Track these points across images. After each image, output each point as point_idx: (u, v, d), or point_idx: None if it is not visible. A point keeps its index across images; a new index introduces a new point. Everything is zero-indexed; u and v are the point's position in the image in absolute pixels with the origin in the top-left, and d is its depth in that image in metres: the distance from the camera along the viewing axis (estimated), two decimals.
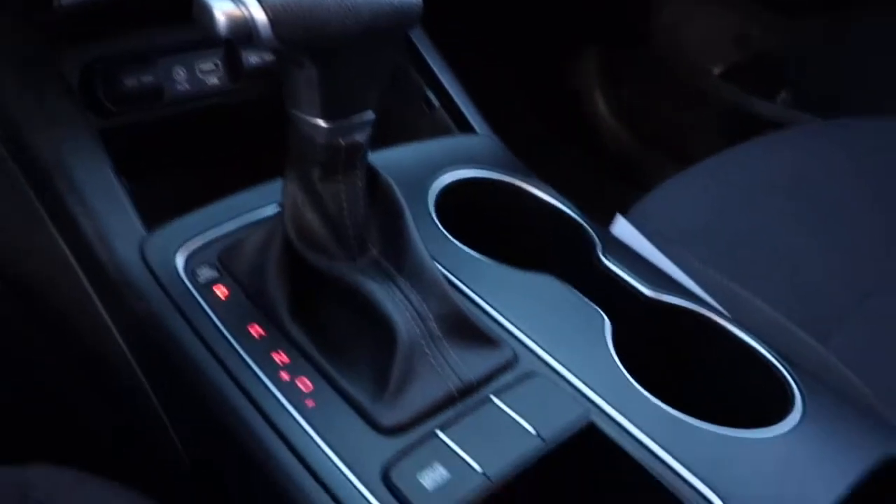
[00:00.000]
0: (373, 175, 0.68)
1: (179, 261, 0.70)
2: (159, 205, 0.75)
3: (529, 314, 0.70)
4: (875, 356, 0.90)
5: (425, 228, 0.76)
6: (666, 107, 1.50)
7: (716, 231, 0.97)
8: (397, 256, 0.67)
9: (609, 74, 1.57)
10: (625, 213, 0.96)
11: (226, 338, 0.66)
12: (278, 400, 0.62)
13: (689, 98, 1.50)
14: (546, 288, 0.74)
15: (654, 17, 1.55)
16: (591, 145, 1.52)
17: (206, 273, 0.70)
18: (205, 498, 0.73)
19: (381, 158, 0.80)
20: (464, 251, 0.76)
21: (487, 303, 0.71)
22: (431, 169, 0.82)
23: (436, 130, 0.93)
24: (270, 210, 0.73)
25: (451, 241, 0.76)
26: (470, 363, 0.64)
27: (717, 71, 1.51)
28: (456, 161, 0.84)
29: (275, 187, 0.69)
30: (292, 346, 0.65)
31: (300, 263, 0.66)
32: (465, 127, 0.93)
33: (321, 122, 0.61)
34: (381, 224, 0.68)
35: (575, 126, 1.54)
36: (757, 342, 0.74)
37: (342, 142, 0.62)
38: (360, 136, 0.63)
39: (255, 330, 0.66)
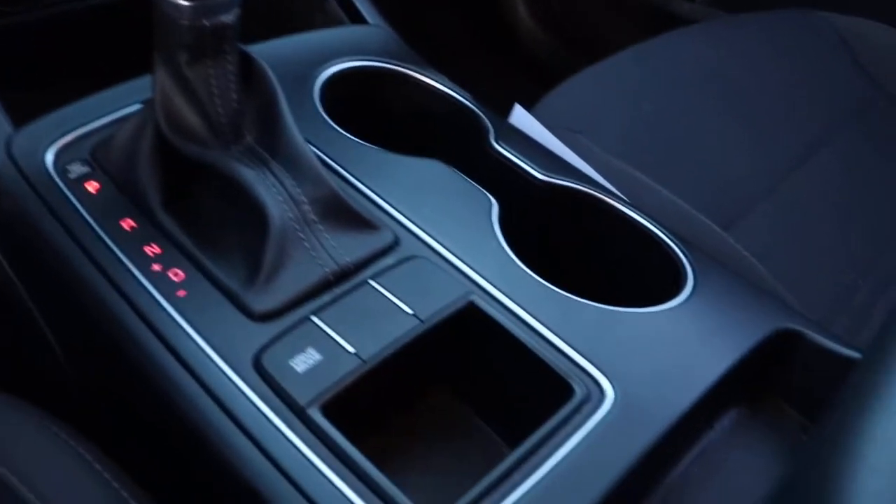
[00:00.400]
0: (246, 60, 0.65)
1: (49, 157, 0.67)
2: (40, 111, 0.72)
3: (412, 198, 0.68)
4: (774, 240, 0.90)
5: (308, 117, 0.73)
6: (587, 9, 1.48)
7: (621, 122, 0.96)
8: (272, 142, 0.64)
9: None
10: (531, 109, 0.94)
11: (96, 232, 0.63)
12: (149, 291, 0.60)
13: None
14: (431, 173, 0.72)
15: None
16: (509, 49, 1.49)
17: (77, 169, 0.67)
18: (85, 401, 0.71)
19: (266, 49, 0.77)
20: (347, 139, 0.73)
21: (369, 187, 0.69)
22: (317, 60, 0.79)
23: (328, 24, 0.90)
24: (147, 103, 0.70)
25: (335, 129, 0.73)
26: (347, 247, 0.63)
27: None
28: (344, 52, 0.81)
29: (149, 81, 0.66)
30: (164, 238, 0.63)
31: (172, 153, 0.63)
32: (358, 19, 0.90)
33: (182, 1, 0.58)
34: (256, 110, 0.66)
35: (492, 29, 1.51)
36: (651, 224, 0.72)
37: (206, 22, 0.59)
38: (227, 17, 0.60)
39: (127, 223, 0.64)
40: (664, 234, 0.72)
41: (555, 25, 1.44)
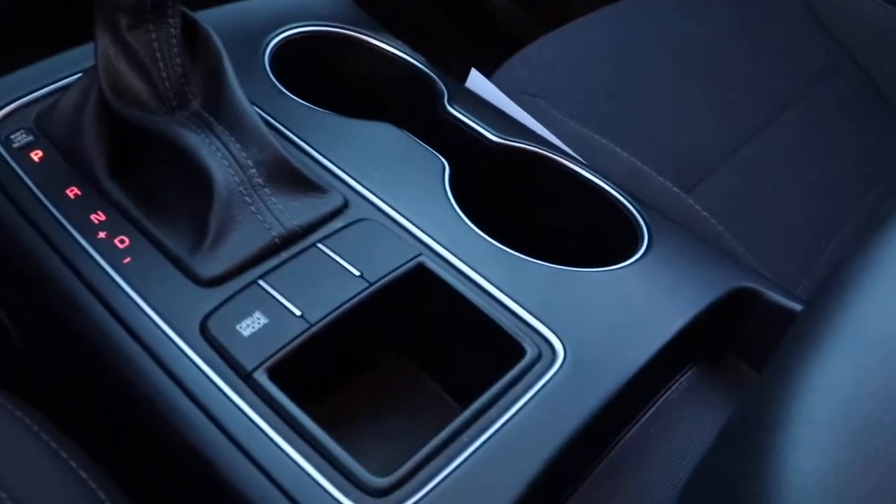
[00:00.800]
0: (191, 25, 0.64)
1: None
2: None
3: (362, 161, 0.68)
4: (737, 203, 0.90)
5: (257, 82, 0.72)
6: None
7: (582, 86, 0.95)
8: (217, 107, 0.63)
9: None
10: (490, 75, 0.93)
11: (41, 201, 0.62)
12: (94, 259, 0.59)
13: None
14: (382, 136, 0.71)
15: None
16: (472, 15, 1.48)
17: (21, 138, 0.66)
18: (41, 378, 0.70)
19: (215, 15, 0.76)
20: (297, 103, 0.72)
21: (318, 151, 0.68)
22: (268, 25, 0.78)
23: None
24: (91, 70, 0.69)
25: (285, 93, 0.72)
26: (295, 210, 0.62)
27: None
28: (295, 17, 0.79)
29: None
30: (110, 205, 0.62)
31: (117, 119, 0.62)
32: None
33: None
34: (202, 75, 0.65)
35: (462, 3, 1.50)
36: (607, 184, 0.72)
37: None
38: None
39: (72, 191, 0.63)
40: (619, 194, 0.71)
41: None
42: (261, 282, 0.58)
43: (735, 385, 0.68)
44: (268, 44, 0.76)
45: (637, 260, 0.66)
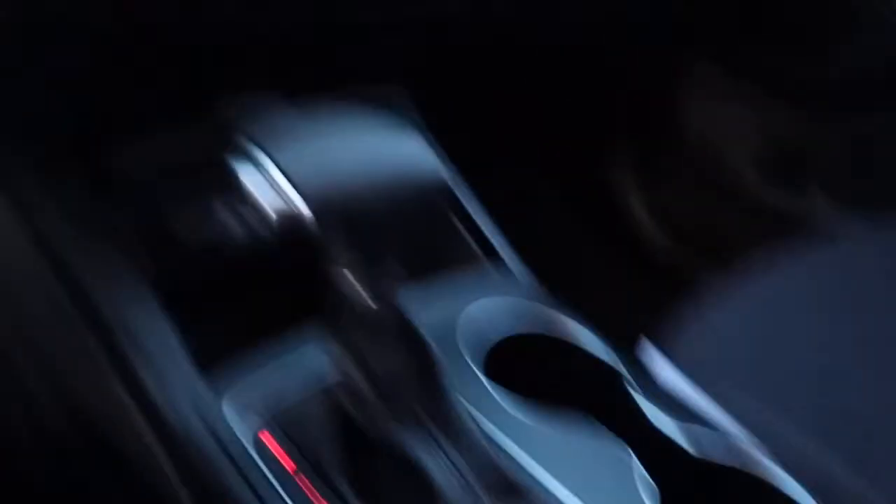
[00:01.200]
0: (408, 327, 0.70)
1: (241, 426, 0.72)
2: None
3: (561, 460, 0.73)
4: None
5: (461, 375, 0.78)
6: (703, 208, 1.51)
7: (772, 365, 0.94)
8: (438, 414, 0.69)
9: (644, 174, 1.59)
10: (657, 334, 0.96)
11: None
12: None
13: (723, 197, 1.51)
14: (583, 437, 0.76)
15: (682, 114, 1.55)
16: (628, 248, 1.54)
17: (271, 440, 0.72)
18: None
19: (410, 297, 0.83)
20: (502, 401, 0.78)
21: (528, 455, 0.73)
22: (460, 304, 0.86)
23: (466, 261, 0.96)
24: (319, 358, 0.75)
25: (485, 385, 0.79)
26: None
27: (748, 168, 1.52)
28: (484, 294, 0.87)
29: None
30: None
31: (355, 428, 0.69)
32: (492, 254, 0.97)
33: (350, 275, 0.65)
34: (419, 377, 0.69)
35: (609, 227, 1.56)
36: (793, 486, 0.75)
37: (380, 297, 0.66)
38: (395, 287, 0.67)
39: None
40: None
41: (672, 225, 1.47)
42: None
43: None
44: (460, 324, 0.83)
45: None
